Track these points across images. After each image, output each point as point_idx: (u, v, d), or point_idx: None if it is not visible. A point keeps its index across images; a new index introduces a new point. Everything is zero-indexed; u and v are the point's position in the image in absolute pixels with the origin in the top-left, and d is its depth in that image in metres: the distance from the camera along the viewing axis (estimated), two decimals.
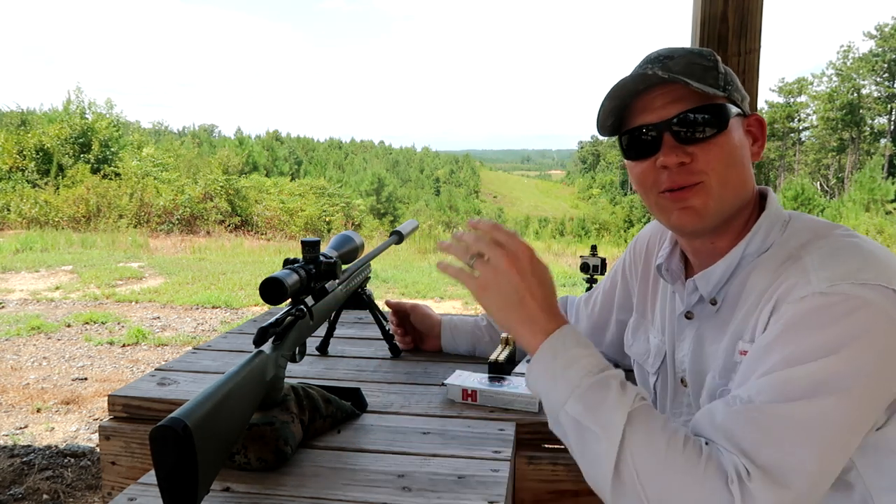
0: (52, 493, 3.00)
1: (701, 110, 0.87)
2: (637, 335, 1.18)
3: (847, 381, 0.73)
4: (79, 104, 22.77)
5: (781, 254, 0.88)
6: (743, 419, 0.75)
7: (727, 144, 0.88)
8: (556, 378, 0.81)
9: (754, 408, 0.75)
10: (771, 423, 0.74)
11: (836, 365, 0.74)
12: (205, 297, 7.57)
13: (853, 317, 0.75)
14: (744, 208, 0.93)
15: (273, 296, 0.91)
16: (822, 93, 43.75)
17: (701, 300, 0.97)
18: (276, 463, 0.94)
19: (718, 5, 1.69)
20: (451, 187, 58.21)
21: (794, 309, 0.79)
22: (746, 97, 0.94)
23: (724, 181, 0.88)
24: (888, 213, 21.42)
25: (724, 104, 0.89)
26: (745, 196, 0.92)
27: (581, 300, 1.42)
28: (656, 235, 1.17)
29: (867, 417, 0.77)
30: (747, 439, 0.74)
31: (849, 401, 0.74)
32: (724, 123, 0.88)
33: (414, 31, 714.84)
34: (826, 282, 0.78)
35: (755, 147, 0.94)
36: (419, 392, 1.26)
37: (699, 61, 0.90)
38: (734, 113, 0.90)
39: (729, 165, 0.89)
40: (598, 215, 37.59)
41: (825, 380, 0.73)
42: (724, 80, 0.90)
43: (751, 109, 0.98)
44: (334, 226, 20.78)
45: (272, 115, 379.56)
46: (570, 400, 0.79)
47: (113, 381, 4.69)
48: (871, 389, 0.75)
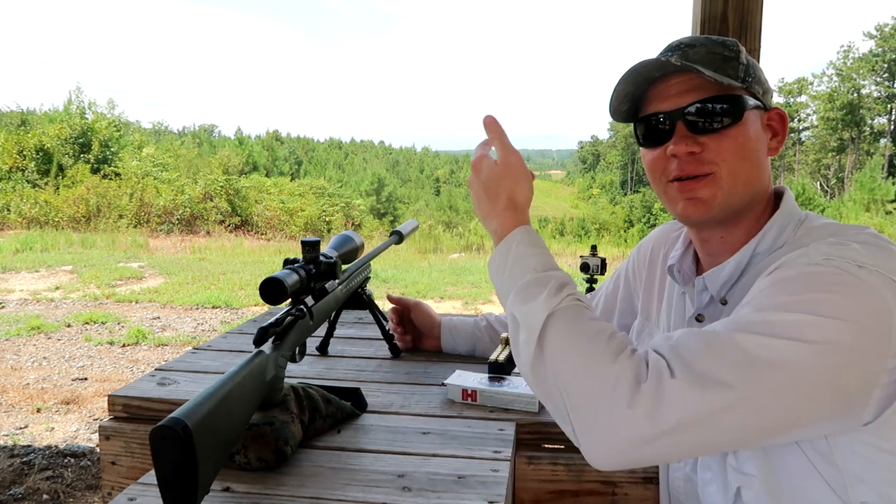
0: (52, 493, 3.00)
1: (716, 100, 0.87)
2: (642, 338, 1.18)
3: (817, 339, 0.69)
4: (79, 104, 22.79)
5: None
6: (695, 336, 0.74)
7: (741, 136, 0.87)
8: (504, 273, 0.86)
9: (712, 332, 0.74)
10: (721, 344, 0.71)
11: (813, 324, 0.70)
12: (205, 297, 7.58)
13: (844, 290, 0.72)
14: (755, 203, 0.91)
15: (273, 296, 0.91)
16: (823, 93, 43.78)
17: (711, 300, 0.96)
18: (276, 463, 0.94)
19: (718, 5, 1.69)
20: (451, 187, 58.20)
21: (784, 271, 0.77)
22: (770, 90, 0.92)
23: (734, 173, 0.87)
24: (888, 213, 21.42)
25: (741, 95, 0.87)
26: (756, 190, 0.90)
27: None
28: (661, 241, 1.17)
29: (825, 384, 0.70)
30: (690, 349, 0.72)
31: (810, 356, 0.69)
32: (738, 115, 0.87)
33: (414, 31, 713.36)
34: (823, 255, 0.76)
35: (774, 142, 0.92)
36: (419, 392, 1.26)
37: (720, 51, 0.89)
38: (751, 105, 0.88)
39: (741, 158, 0.87)
40: (598, 215, 37.59)
41: (796, 330, 0.70)
42: (745, 72, 0.88)
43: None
44: (334, 226, 20.79)
45: (272, 115, 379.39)
46: (511, 294, 0.83)
47: (113, 381, 4.69)
48: (840, 361, 0.70)
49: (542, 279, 0.82)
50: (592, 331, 0.77)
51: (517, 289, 0.83)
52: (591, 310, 0.81)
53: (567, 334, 0.77)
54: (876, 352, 0.71)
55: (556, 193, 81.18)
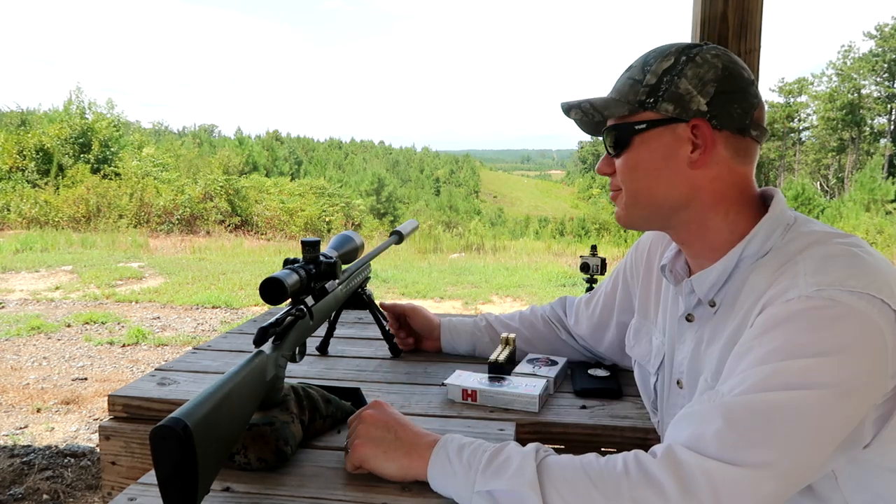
0: (52, 493, 3.00)
1: (610, 129, 0.96)
2: (639, 337, 1.18)
3: (829, 380, 0.73)
4: (79, 104, 22.78)
5: (780, 258, 0.87)
6: (708, 408, 0.75)
7: (632, 160, 0.94)
8: (454, 471, 0.83)
9: (725, 401, 0.75)
10: (736, 413, 0.73)
11: (821, 365, 0.73)
12: (205, 297, 7.57)
13: (840, 324, 0.74)
14: (681, 209, 0.94)
15: (273, 296, 0.91)
16: (823, 93, 43.71)
17: (700, 302, 0.97)
18: (276, 463, 0.94)
19: (718, 5, 1.69)
20: (451, 187, 58.17)
21: (779, 310, 0.79)
22: (694, 99, 0.89)
23: (632, 193, 0.96)
24: (888, 213, 21.41)
25: (629, 123, 0.93)
26: (665, 202, 0.94)
27: (581, 301, 1.42)
28: (658, 240, 1.17)
29: (845, 421, 0.75)
30: (705, 429, 0.73)
31: (828, 399, 0.73)
32: (625, 142, 0.94)
33: (414, 31, 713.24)
34: (814, 286, 0.77)
35: (696, 154, 0.90)
36: (419, 392, 1.26)
37: (636, 75, 0.93)
38: (641, 128, 0.92)
39: (635, 179, 0.95)
40: (598, 215, 37.54)
41: (807, 376, 0.73)
42: (648, 93, 0.91)
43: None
44: (334, 226, 20.76)
45: (272, 115, 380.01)
46: (476, 481, 0.80)
47: (113, 381, 4.69)
48: (849, 398, 0.74)
49: (499, 450, 0.83)
50: (583, 462, 0.78)
51: (481, 470, 0.81)
52: (552, 454, 0.82)
53: (566, 478, 0.76)
54: (877, 381, 0.75)
55: (556, 193, 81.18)
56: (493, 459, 0.82)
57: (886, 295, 0.76)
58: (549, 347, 1.43)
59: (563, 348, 1.43)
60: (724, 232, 0.93)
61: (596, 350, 1.40)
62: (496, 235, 22.53)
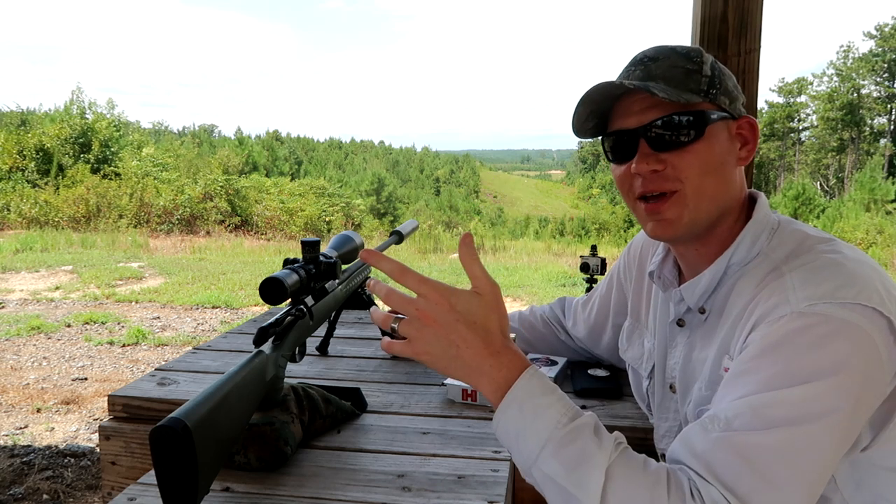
0: (52, 493, 3.00)
1: (677, 116, 0.85)
2: (632, 339, 1.18)
3: (830, 406, 0.72)
4: (79, 104, 22.78)
5: (766, 264, 0.86)
6: (722, 448, 0.73)
7: (704, 151, 0.86)
8: (523, 433, 0.74)
9: (734, 435, 0.73)
10: (752, 452, 0.71)
11: (819, 390, 0.72)
12: (205, 297, 7.57)
13: (834, 340, 0.73)
14: (726, 215, 0.91)
15: (273, 296, 0.91)
16: (822, 93, 43.70)
17: (689, 310, 0.96)
18: (276, 463, 0.94)
19: (718, 5, 1.69)
20: (451, 187, 58.16)
21: (772, 329, 0.77)
22: (740, 98, 0.91)
23: (699, 190, 0.86)
24: (888, 213, 21.41)
25: (703, 111, 0.86)
26: (725, 204, 0.90)
27: (579, 303, 1.42)
28: (649, 242, 1.17)
29: (849, 438, 0.76)
30: (729, 471, 0.71)
31: (832, 425, 0.72)
32: (700, 130, 0.85)
33: (414, 31, 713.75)
34: (805, 301, 0.76)
35: (743, 152, 0.90)
36: (419, 392, 1.26)
37: (683, 64, 0.87)
38: (714, 118, 0.86)
39: (705, 173, 0.86)
40: (598, 215, 37.53)
41: (808, 406, 0.72)
42: (709, 84, 0.87)
43: (749, 111, 0.97)
44: (334, 226, 20.76)
45: (272, 115, 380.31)
46: (541, 456, 0.73)
47: (113, 381, 4.69)
48: (853, 412, 0.73)
49: (575, 432, 0.73)
50: (651, 480, 0.72)
51: (551, 451, 0.72)
52: (630, 449, 0.75)
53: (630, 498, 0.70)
54: (875, 390, 0.76)
55: (557, 193, 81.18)
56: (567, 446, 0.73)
57: (877, 302, 0.75)
58: (548, 348, 1.43)
59: (563, 349, 1.43)
60: (724, 237, 0.92)
61: (594, 352, 1.40)
62: (496, 235, 22.54)
